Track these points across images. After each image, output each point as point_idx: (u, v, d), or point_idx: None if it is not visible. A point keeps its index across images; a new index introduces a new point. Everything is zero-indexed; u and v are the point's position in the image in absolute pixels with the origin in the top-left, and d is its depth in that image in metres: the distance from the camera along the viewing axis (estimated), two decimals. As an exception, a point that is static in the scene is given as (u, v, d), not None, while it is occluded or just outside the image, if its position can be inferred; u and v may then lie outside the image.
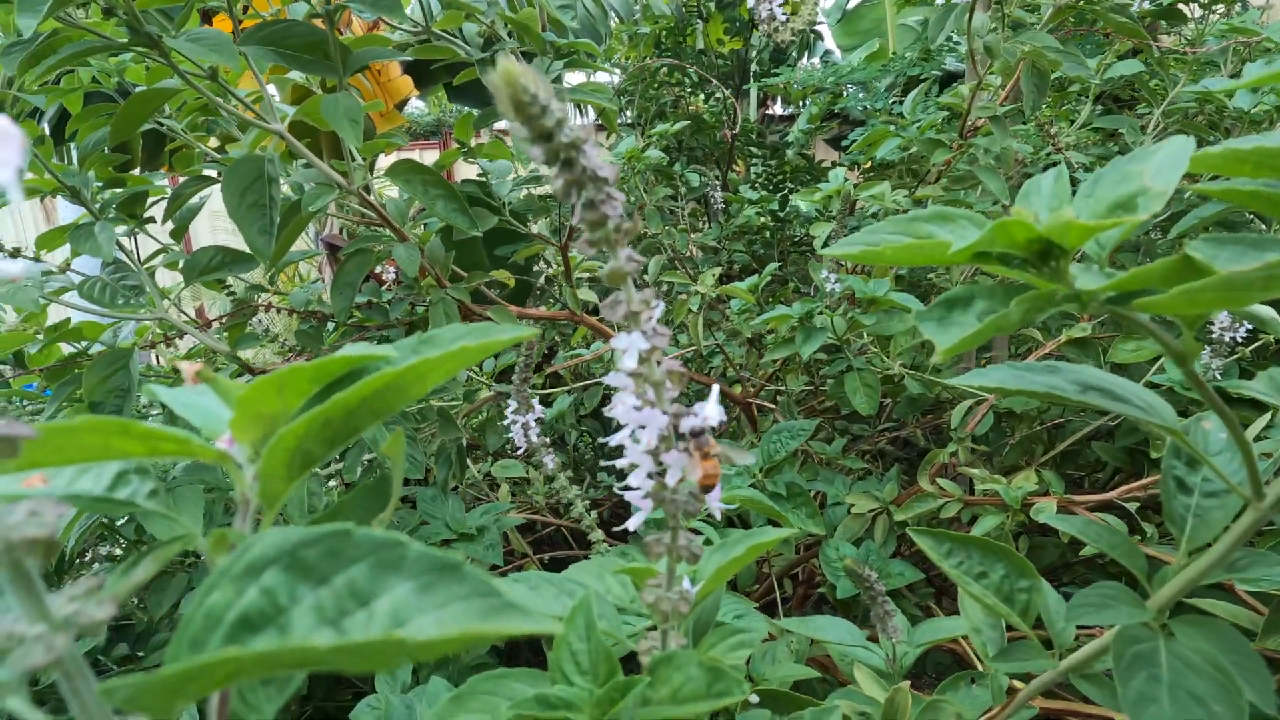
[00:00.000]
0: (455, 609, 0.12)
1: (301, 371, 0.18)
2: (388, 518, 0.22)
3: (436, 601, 0.12)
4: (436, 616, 0.12)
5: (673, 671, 0.24)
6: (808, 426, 1.07)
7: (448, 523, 1.04)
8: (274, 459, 0.17)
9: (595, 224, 0.21)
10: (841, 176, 1.19)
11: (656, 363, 0.23)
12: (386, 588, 0.13)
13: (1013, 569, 0.40)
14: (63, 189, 0.77)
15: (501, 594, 0.12)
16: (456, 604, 0.12)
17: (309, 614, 0.13)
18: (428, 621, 0.12)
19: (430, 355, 0.18)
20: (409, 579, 0.13)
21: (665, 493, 0.25)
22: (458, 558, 0.13)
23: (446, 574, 0.13)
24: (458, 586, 0.12)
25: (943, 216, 0.29)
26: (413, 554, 0.13)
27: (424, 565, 0.13)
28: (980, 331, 0.24)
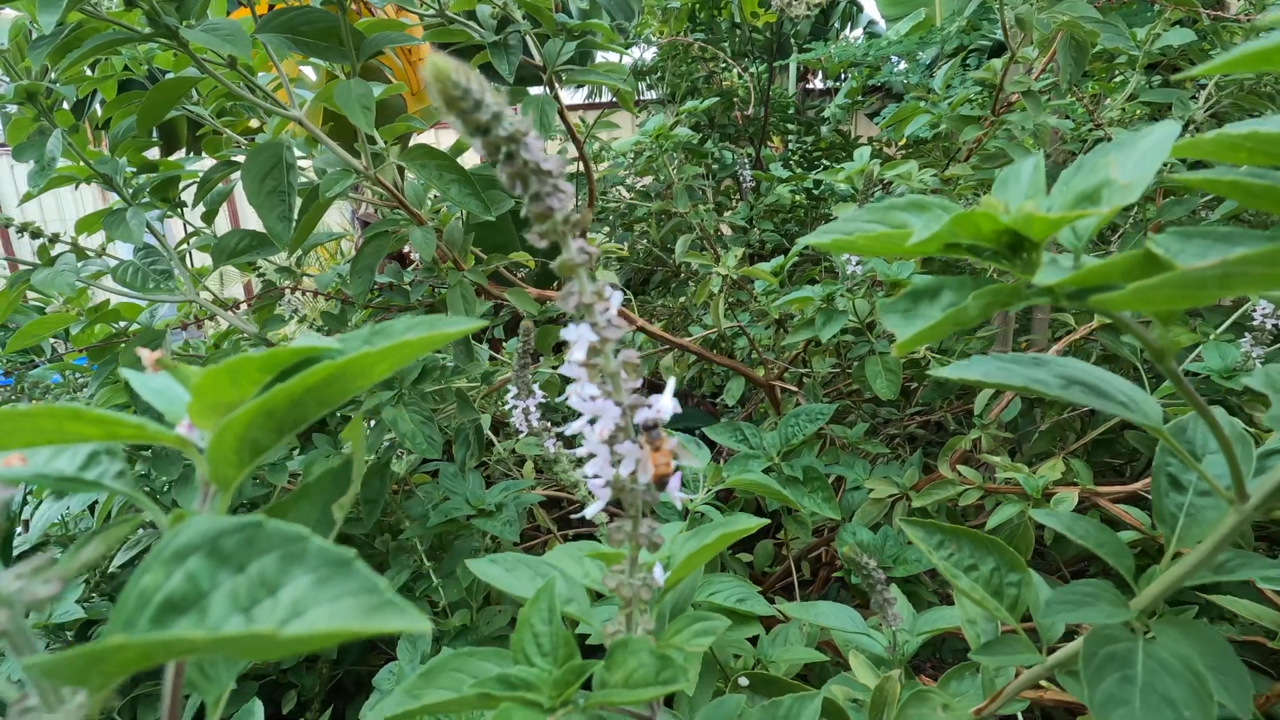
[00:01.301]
0: (345, 603, 0.13)
1: (251, 361, 0.19)
2: (348, 502, 0.23)
3: (331, 594, 0.13)
4: (329, 609, 0.13)
5: (628, 657, 0.25)
6: (826, 410, 1.06)
7: (468, 499, 1.07)
8: (222, 447, 0.18)
9: (541, 216, 0.21)
10: (867, 155, 1.16)
11: (612, 354, 0.24)
12: (291, 578, 0.13)
13: (1003, 563, 0.39)
14: (96, 176, 0.80)
15: (383, 592, 0.13)
16: (347, 599, 0.13)
17: (225, 599, 0.14)
18: (321, 613, 0.13)
19: (372, 349, 0.19)
20: (309, 571, 0.13)
21: (622, 482, 0.25)
22: (350, 554, 0.14)
23: (340, 569, 0.13)
24: (349, 582, 0.13)
25: (917, 205, 0.28)
26: (313, 548, 0.14)
27: (322, 559, 0.13)
28: (939, 325, 0.23)
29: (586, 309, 0.23)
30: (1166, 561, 0.31)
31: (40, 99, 0.74)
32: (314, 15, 0.68)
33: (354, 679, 1.32)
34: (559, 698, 0.25)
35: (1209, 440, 0.33)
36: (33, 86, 0.72)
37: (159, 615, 0.14)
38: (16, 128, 0.79)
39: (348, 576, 0.13)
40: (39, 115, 0.76)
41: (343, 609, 0.13)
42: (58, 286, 0.73)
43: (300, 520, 0.22)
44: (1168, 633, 0.29)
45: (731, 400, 1.51)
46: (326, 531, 0.22)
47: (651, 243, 2.05)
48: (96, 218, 0.89)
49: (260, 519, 0.14)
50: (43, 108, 0.75)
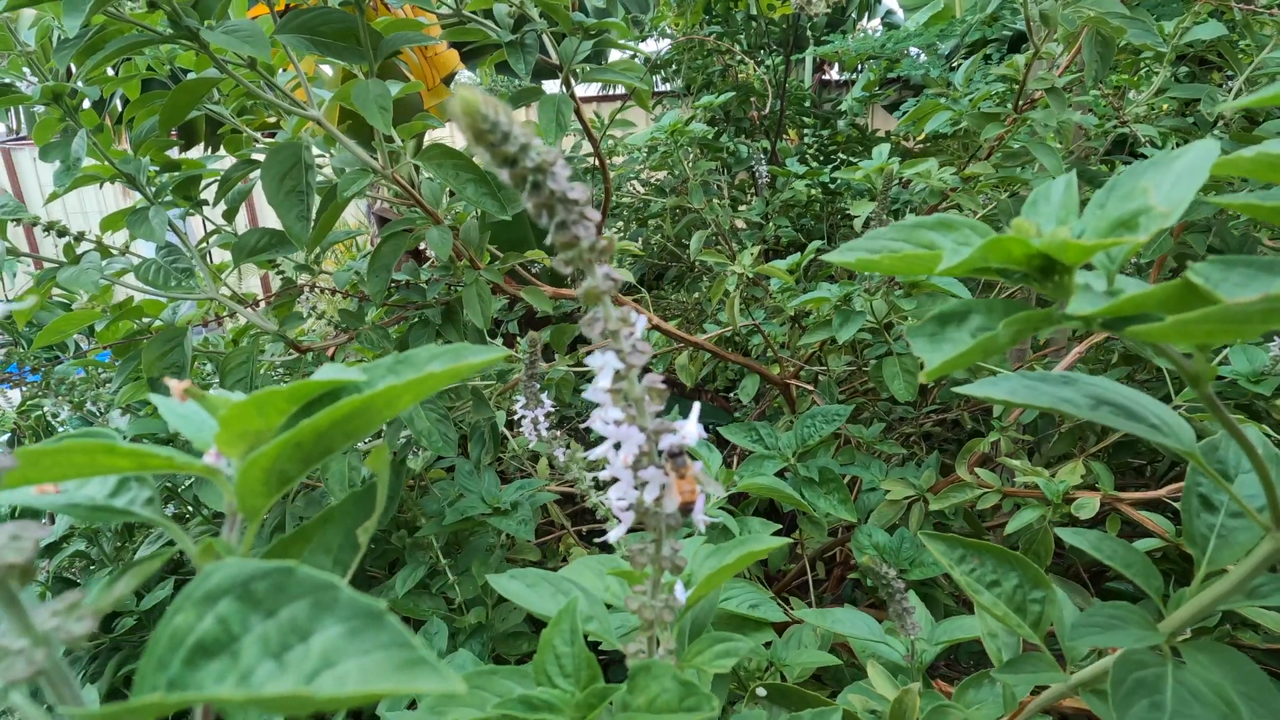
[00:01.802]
0: (376, 657, 0.13)
1: (279, 394, 0.19)
2: (373, 526, 0.23)
3: (362, 647, 0.13)
4: (360, 663, 0.13)
5: (650, 681, 0.25)
6: (843, 412, 1.06)
7: (483, 496, 1.07)
8: (250, 479, 0.18)
9: (567, 245, 0.21)
10: (886, 153, 1.15)
11: (637, 379, 0.23)
12: (322, 626, 0.13)
13: (1026, 579, 0.39)
14: (120, 175, 0.81)
15: (416, 648, 0.13)
16: (378, 652, 0.13)
17: (256, 644, 0.14)
18: (352, 667, 0.13)
19: (398, 382, 0.19)
20: (341, 621, 0.13)
21: (645, 506, 0.25)
22: (381, 605, 0.14)
23: (372, 622, 0.13)
24: (381, 635, 0.13)
25: (945, 225, 0.28)
26: (344, 598, 0.14)
27: (353, 610, 0.14)
28: (968, 353, 0.23)
29: (612, 335, 0.22)
30: (1197, 584, 0.31)
31: (66, 100, 0.75)
32: (332, 16, 0.68)
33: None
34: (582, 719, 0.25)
35: (1241, 459, 0.33)
36: (58, 88, 0.73)
37: (191, 658, 0.14)
38: (43, 128, 0.80)
39: (379, 629, 0.13)
40: (64, 116, 0.77)
41: (374, 664, 0.13)
42: (83, 284, 0.74)
43: (325, 544, 0.22)
44: (1198, 658, 0.29)
45: (746, 398, 1.51)
46: (352, 555, 0.23)
47: (666, 238, 2.05)
48: (120, 216, 0.90)
49: (292, 565, 0.14)
50: (68, 108, 0.75)
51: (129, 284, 0.84)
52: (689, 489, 0.24)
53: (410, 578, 1.04)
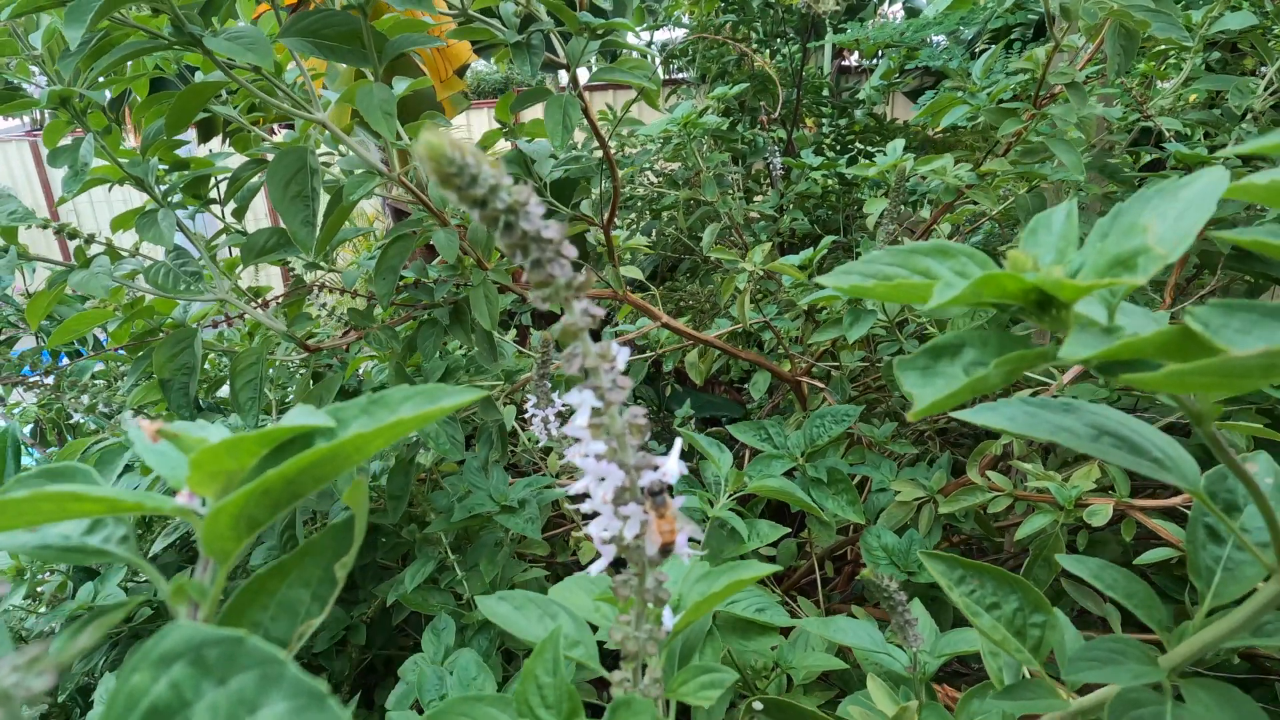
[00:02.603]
0: None
1: (250, 438, 0.19)
2: (350, 562, 0.23)
3: None
4: None
5: (630, 716, 0.25)
6: (853, 412, 1.05)
7: (491, 494, 1.08)
8: (218, 525, 0.18)
9: (542, 284, 0.21)
10: (900, 149, 1.13)
11: (618, 414, 0.23)
12: (269, 701, 0.13)
13: (1027, 602, 0.38)
14: (129, 178, 0.82)
15: None
16: None
17: (207, 712, 0.14)
18: None
19: (364, 431, 0.18)
20: (286, 699, 0.13)
21: (627, 541, 0.24)
22: (323, 689, 0.13)
23: (315, 703, 0.13)
24: (322, 717, 0.13)
25: (942, 252, 0.27)
26: (289, 675, 0.14)
27: (298, 688, 0.13)
28: (959, 392, 0.22)
29: (591, 371, 0.22)
30: (1200, 619, 0.30)
31: (74, 104, 0.76)
32: (335, 19, 0.68)
33: (384, 660, 1.35)
34: (562, 753, 0.25)
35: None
36: (65, 92, 0.73)
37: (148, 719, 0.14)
38: (52, 131, 0.81)
39: (321, 711, 0.13)
40: (72, 119, 0.77)
41: None
42: (92, 289, 0.75)
43: (303, 579, 0.22)
44: (1199, 696, 0.28)
45: (757, 394, 1.50)
46: (330, 590, 0.22)
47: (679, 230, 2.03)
48: (130, 216, 0.91)
49: (242, 635, 0.14)
50: (75, 111, 0.76)
51: (139, 286, 0.85)
52: (668, 529, 0.23)
53: (419, 572, 1.05)
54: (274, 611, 0.22)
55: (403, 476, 1.00)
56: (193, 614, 0.19)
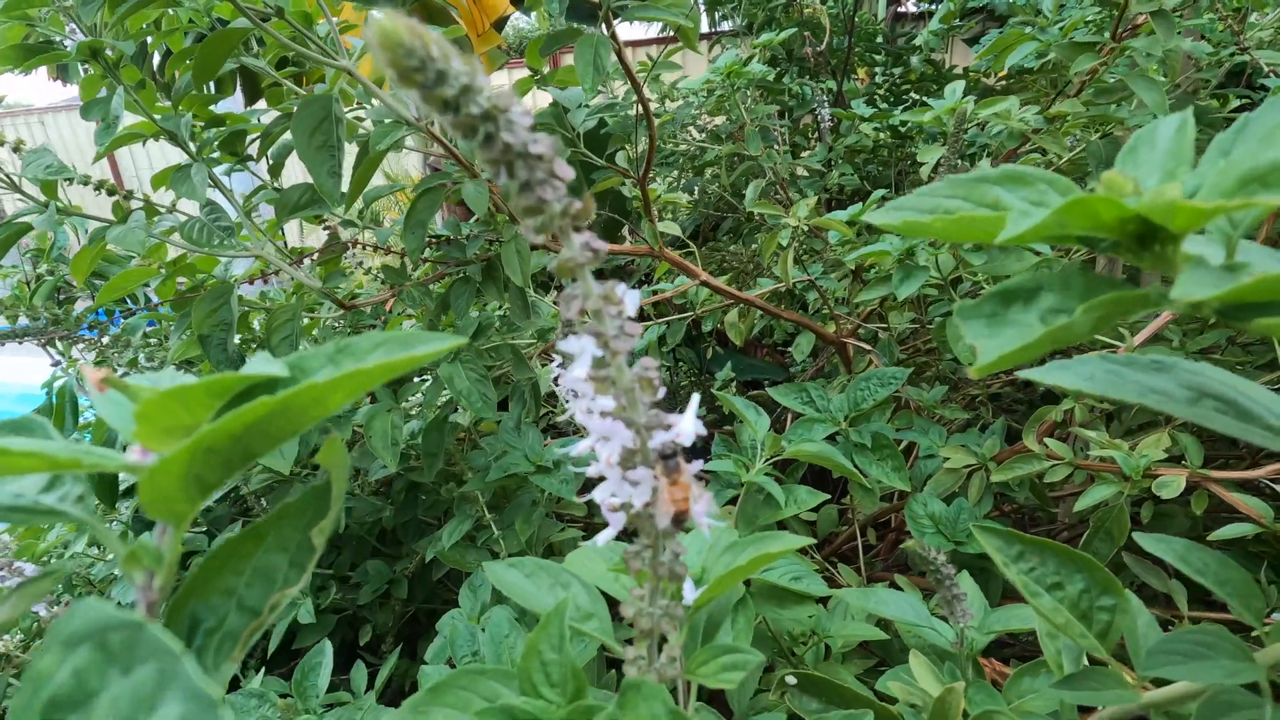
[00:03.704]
0: None
1: (197, 388, 0.16)
2: (328, 527, 0.21)
3: None
4: None
5: (640, 701, 0.22)
6: (900, 375, 0.99)
7: (526, 454, 1.07)
8: (162, 484, 0.16)
9: (532, 210, 0.18)
10: (959, 92, 1.04)
11: (625, 366, 0.20)
12: (164, 702, 0.11)
13: (1095, 583, 0.34)
14: (162, 132, 0.81)
15: None
16: None
17: (108, 707, 0.12)
18: None
19: (317, 381, 0.16)
20: (181, 702, 0.11)
21: (637, 509, 0.22)
22: (217, 698, 0.11)
23: (207, 711, 0.11)
24: None
25: (1015, 179, 0.22)
26: (184, 675, 0.11)
27: (191, 692, 0.11)
28: (1035, 343, 0.18)
29: (595, 315, 0.19)
30: (1308, 612, 0.26)
31: (105, 56, 0.75)
32: (358, -43, 0.64)
33: (426, 613, 1.38)
34: (567, 737, 0.23)
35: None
36: (95, 43, 0.72)
37: (48, 711, 0.12)
38: (87, 85, 0.81)
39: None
40: (105, 72, 0.77)
41: None
42: (129, 244, 0.75)
43: (280, 543, 0.20)
44: (1303, 700, 0.24)
45: (800, 356, 1.45)
46: (308, 557, 0.20)
47: (722, 187, 1.96)
48: (168, 173, 0.91)
49: (141, 621, 0.12)
50: (107, 64, 0.75)
51: (175, 242, 0.85)
52: (681, 497, 0.20)
53: (456, 530, 1.05)
54: (249, 578, 0.20)
55: (437, 434, 0.99)
56: (148, 582, 0.18)
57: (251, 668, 1.13)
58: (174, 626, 0.19)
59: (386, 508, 1.28)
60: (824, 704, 0.42)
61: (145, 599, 0.17)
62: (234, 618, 0.19)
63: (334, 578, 1.26)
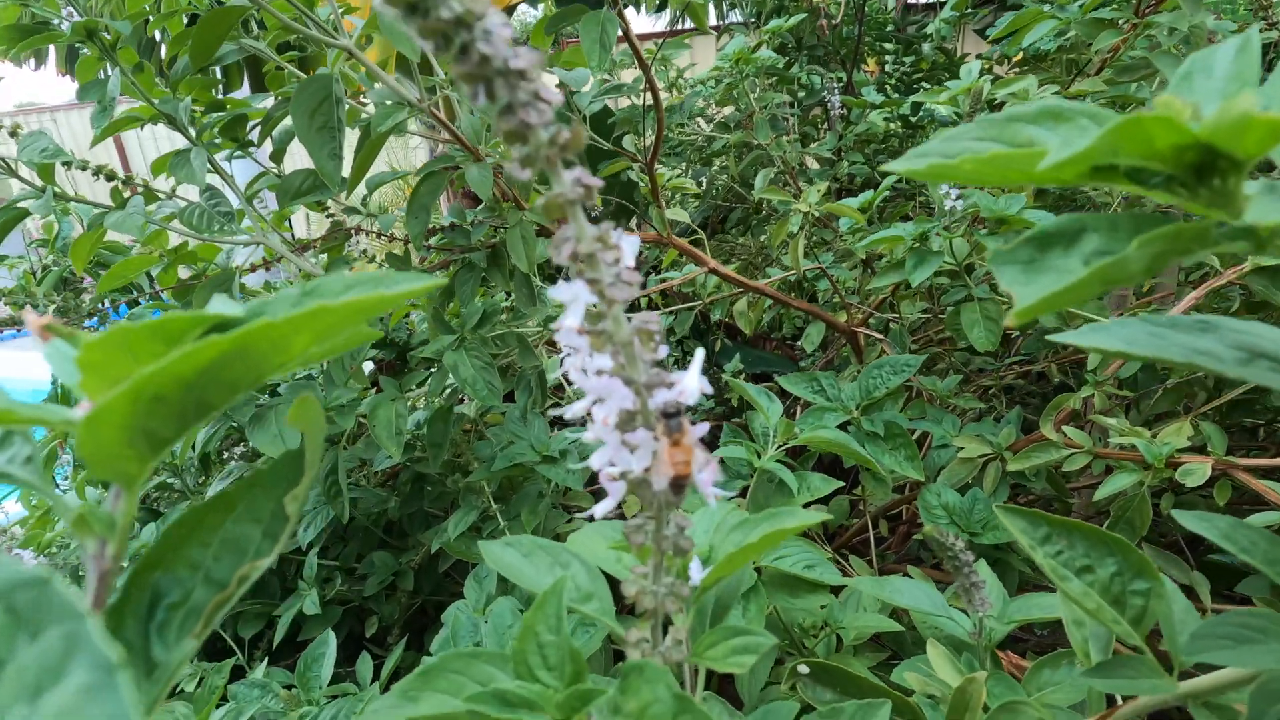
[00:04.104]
0: None
1: (142, 330, 0.15)
2: (302, 494, 0.19)
3: (90, 717, 0.09)
4: None
5: (643, 684, 0.21)
6: (913, 362, 0.97)
7: (532, 444, 1.06)
8: (102, 437, 0.15)
9: (516, 135, 0.16)
10: (975, 72, 1.02)
11: (623, 319, 0.18)
12: (71, 669, 0.10)
13: (1127, 566, 0.32)
14: (161, 116, 0.80)
15: None
16: None
17: (15, 678, 0.10)
18: None
19: (273, 320, 0.14)
20: (85, 669, 0.10)
21: (638, 476, 0.20)
22: (117, 661, 0.10)
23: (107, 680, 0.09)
24: (110, 704, 0.09)
25: (1052, 115, 0.20)
26: (87, 637, 0.10)
27: (94, 660, 0.10)
28: (1080, 284, 0.16)
29: (587, 261, 0.17)
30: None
31: (100, 36, 0.74)
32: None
33: (434, 605, 1.37)
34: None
35: None
36: (90, 23, 0.71)
37: (-45, 684, 0.10)
38: (84, 67, 0.79)
39: (110, 695, 0.09)
40: (101, 54, 0.75)
41: None
42: (127, 228, 0.74)
43: (252, 513, 0.19)
44: (1366, 688, 0.22)
45: (810, 346, 1.43)
46: (281, 527, 0.19)
47: (731, 178, 1.94)
48: (167, 159, 0.90)
49: (46, 577, 0.10)
50: (103, 46, 0.74)
51: (175, 228, 0.84)
52: (683, 459, 0.19)
53: (462, 521, 1.04)
54: (217, 549, 0.18)
55: (442, 424, 0.98)
56: (100, 550, 0.16)
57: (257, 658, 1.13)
58: (133, 599, 0.17)
59: (392, 499, 1.27)
60: (838, 694, 0.41)
61: (97, 568, 0.16)
62: (200, 592, 0.18)
63: (340, 569, 1.25)
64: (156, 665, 0.16)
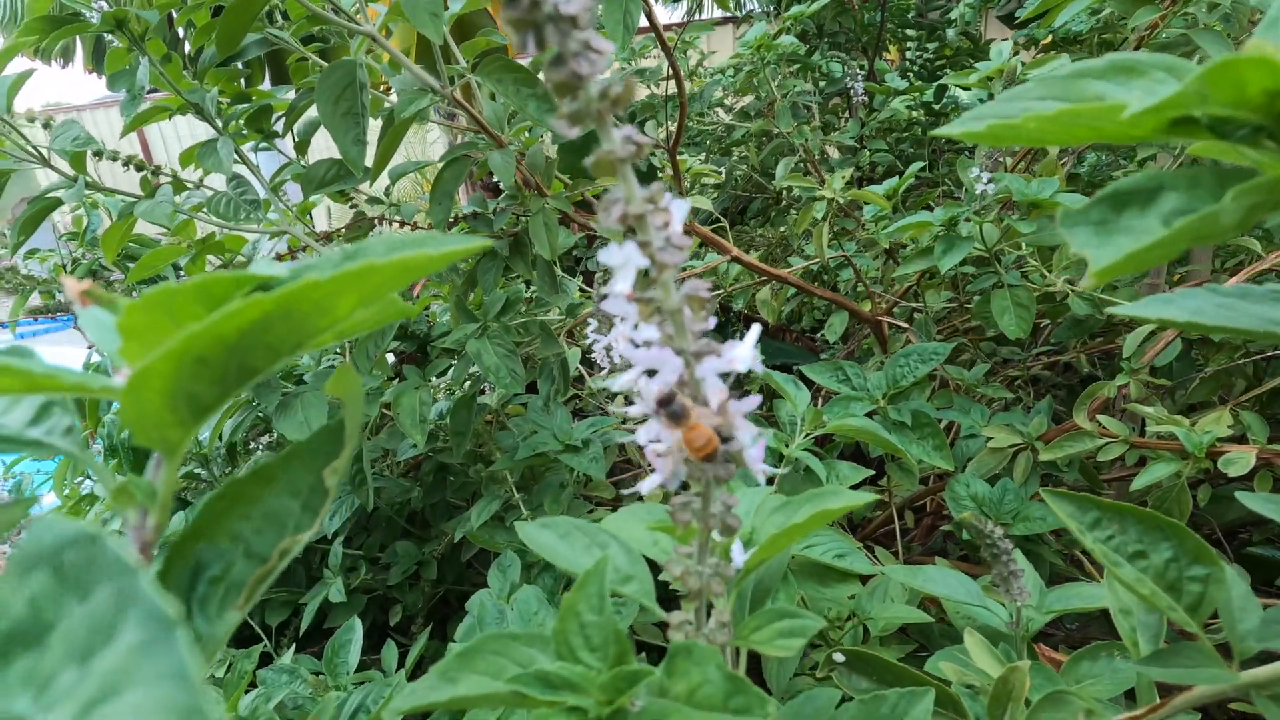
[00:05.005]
0: (160, 693, 0.08)
1: (184, 290, 0.14)
2: (342, 466, 0.19)
3: (146, 675, 0.09)
4: (129, 703, 0.08)
5: (691, 666, 0.20)
6: (941, 350, 0.95)
7: (554, 433, 1.05)
8: (145, 403, 0.14)
9: (566, 86, 0.15)
10: (1006, 53, 0.99)
11: (673, 285, 0.18)
12: (121, 629, 0.09)
13: (1183, 551, 0.31)
14: (188, 106, 0.80)
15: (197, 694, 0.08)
16: (160, 685, 0.08)
17: (63, 642, 0.10)
18: (123, 711, 0.08)
19: (318, 278, 0.14)
20: (138, 626, 0.09)
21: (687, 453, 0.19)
22: (175, 615, 0.09)
23: (165, 634, 0.09)
24: (167, 660, 0.09)
25: (1125, 68, 0.19)
26: (144, 594, 0.09)
27: (149, 613, 0.09)
28: (1163, 242, 0.15)
29: (637, 223, 0.16)
30: None
31: (130, 26, 0.74)
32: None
33: (457, 595, 1.38)
34: (608, 706, 0.21)
35: None
36: (119, 13, 0.71)
37: (4, 647, 0.10)
38: (114, 58, 0.80)
39: (168, 652, 0.09)
40: (130, 45, 0.76)
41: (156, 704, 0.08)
42: (156, 217, 0.74)
43: (291, 486, 0.18)
44: None
45: (833, 337, 1.41)
46: (321, 501, 0.18)
47: (750, 167, 1.92)
48: (195, 150, 0.90)
49: (96, 533, 0.10)
50: (132, 36, 0.74)
51: (202, 218, 0.84)
52: (700, 435, 0.17)
53: (485, 510, 1.04)
54: (258, 523, 0.18)
55: (465, 413, 0.98)
56: (141, 520, 0.16)
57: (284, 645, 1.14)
58: (175, 572, 0.17)
59: (415, 489, 1.28)
60: (874, 683, 0.40)
61: (138, 538, 0.15)
62: (240, 565, 0.17)
63: (364, 558, 1.26)
64: (200, 639, 0.16)
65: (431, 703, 0.22)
